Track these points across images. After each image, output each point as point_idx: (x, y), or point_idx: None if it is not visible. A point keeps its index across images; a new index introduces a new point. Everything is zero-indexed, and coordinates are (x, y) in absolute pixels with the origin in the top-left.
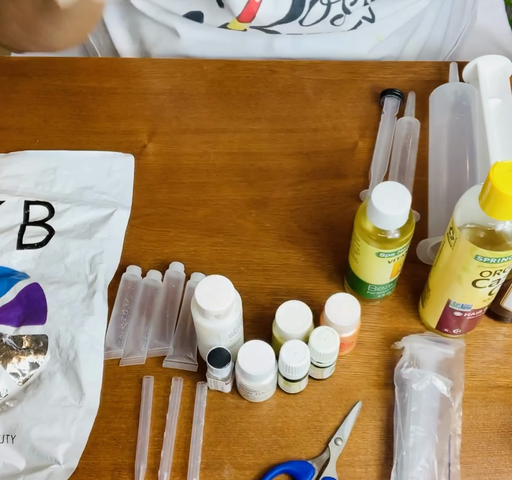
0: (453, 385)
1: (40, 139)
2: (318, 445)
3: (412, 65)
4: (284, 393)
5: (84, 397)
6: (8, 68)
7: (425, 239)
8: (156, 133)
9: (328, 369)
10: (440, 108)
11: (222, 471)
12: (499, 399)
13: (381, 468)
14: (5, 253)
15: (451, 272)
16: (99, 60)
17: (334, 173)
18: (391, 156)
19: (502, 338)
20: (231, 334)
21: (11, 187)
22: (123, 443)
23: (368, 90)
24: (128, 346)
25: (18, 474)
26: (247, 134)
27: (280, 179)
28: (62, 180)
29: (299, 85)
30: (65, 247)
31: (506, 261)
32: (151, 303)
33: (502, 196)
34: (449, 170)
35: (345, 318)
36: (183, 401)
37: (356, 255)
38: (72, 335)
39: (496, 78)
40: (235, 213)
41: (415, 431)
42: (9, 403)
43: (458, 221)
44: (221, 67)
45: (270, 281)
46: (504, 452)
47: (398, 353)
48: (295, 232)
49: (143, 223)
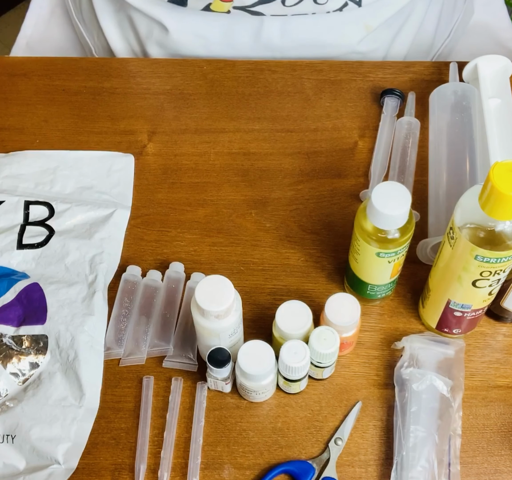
0: (453, 385)
1: (40, 139)
2: (318, 445)
3: (412, 65)
4: (284, 393)
5: (84, 397)
6: (8, 68)
7: (425, 239)
8: (156, 133)
9: (328, 369)
10: (440, 108)
11: (222, 471)
12: (499, 399)
13: (381, 468)
14: (5, 253)
15: (451, 272)
16: (99, 60)
17: (334, 173)
18: (391, 156)
19: (502, 338)
20: (231, 334)
21: (11, 187)
22: (123, 443)
23: (368, 90)
24: (128, 346)
25: (18, 474)
26: (247, 134)
27: (280, 179)
28: (62, 180)
29: (299, 85)
30: (65, 247)
31: (506, 261)
32: (151, 303)
33: (502, 196)
34: (449, 170)
35: (345, 318)
36: (183, 401)
37: (356, 255)
38: (72, 335)
39: (496, 78)
40: (235, 213)
41: (415, 431)
42: (9, 403)
43: (458, 221)
44: (221, 67)
45: (270, 281)
46: (504, 452)
47: (398, 353)
48: (295, 232)
49: (143, 223)
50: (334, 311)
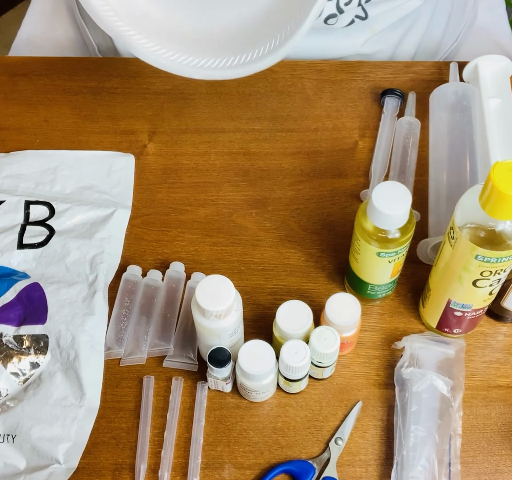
0: (454, 385)
1: (40, 139)
2: (318, 444)
3: (412, 65)
4: (284, 393)
5: (85, 396)
6: (8, 68)
7: (425, 239)
8: (156, 133)
9: (329, 369)
10: (440, 108)
11: (223, 471)
12: (499, 399)
13: (382, 467)
14: (5, 253)
15: (452, 272)
16: (99, 60)
17: (334, 173)
18: (392, 156)
19: (503, 338)
20: (231, 333)
21: (12, 187)
22: (124, 443)
23: (368, 90)
24: (129, 346)
25: (19, 474)
26: (247, 134)
27: (280, 179)
28: (63, 180)
29: (299, 85)
30: (65, 247)
31: (507, 261)
32: (151, 303)
33: (502, 195)
34: (449, 170)
35: (345, 318)
36: (184, 400)
37: (357, 255)
38: (72, 335)
39: (497, 78)
40: (236, 213)
41: (415, 430)
42: (9, 402)
43: (458, 221)
44: None
45: (270, 281)
46: (504, 451)
47: (398, 353)
48: (295, 232)
49: (144, 223)
50: (334, 311)
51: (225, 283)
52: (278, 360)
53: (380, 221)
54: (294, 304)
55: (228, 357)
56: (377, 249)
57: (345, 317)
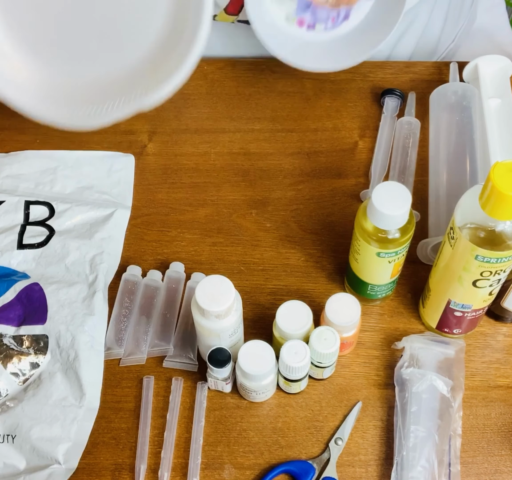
0: (453, 385)
1: (40, 139)
2: (318, 445)
3: (412, 65)
4: (284, 393)
5: (85, 397)
6: None
7: (425, 239)
8: (156, 133)
9: (328, 369)
10: (440, 108)
11: (223, 471)
12: (499, 399)
13: (381, 468)
14: (5, 253)
15: (452, 272)
16: None
17: (334, 173)
18: (391, 156)
19: (502, 338)
20: (231, 334)
21: (12, 187)
22: (124, 443)
23: (368, 90)
24: (129, 346)
25: (19, 474)
26: (247, 134)
27: (280, 179)
28: (62, 180)
29: (299, 85)
30: (65, 247)
31: (507, 261)
32: (151, 303)
33: (502, 196)
34: (449, 170)
35: (345, 318)
36: (183, 401)
37: (357, 255)
38: (72, 335)
39: (497, 78)
40: (235, 213)
41: (415, 431)
42: (9, 403)
43: (458, 221)
44: (221, 67)
45: (270, 281)
46: (504, 452)
47: (398, 353)
48: (295, 232)
49: (143, 223)
50: (334, 311)
51: (225, 283)
52: (278, 360)
53: (380, 221)
54: (294, 304)
55: (228, 357)
56: (377, 249)
57: (345, 317)
